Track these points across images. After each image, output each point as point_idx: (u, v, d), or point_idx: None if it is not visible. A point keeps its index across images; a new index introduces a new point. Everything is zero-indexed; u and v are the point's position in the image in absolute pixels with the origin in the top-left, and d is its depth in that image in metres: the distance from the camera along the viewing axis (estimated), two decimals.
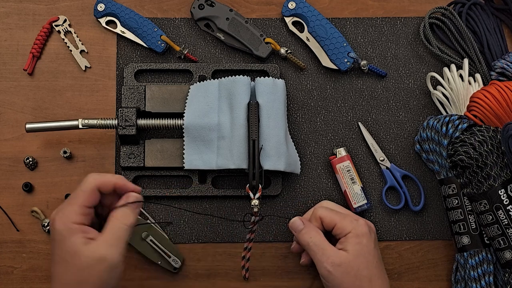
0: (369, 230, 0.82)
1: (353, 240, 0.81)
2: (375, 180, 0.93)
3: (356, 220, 0.82)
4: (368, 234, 0.82)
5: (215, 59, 0.96)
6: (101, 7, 0.95)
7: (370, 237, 0.82)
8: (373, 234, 0.83)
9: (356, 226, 0.81)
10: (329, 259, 0.80)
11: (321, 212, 0.84)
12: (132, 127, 0.89)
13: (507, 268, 0.84)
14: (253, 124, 0.87)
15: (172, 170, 0.92)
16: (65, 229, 0.72)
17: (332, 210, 0.84)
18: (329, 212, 0.84)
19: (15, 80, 0.95)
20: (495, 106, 0.86)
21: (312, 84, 0.96)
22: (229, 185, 0.93)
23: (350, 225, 0.82)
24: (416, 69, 0.96)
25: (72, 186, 0.92)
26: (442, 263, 0.92)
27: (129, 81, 0.93)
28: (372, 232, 0.83)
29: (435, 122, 0.89)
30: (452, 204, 0.87)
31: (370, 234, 0.82)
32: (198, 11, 0.95)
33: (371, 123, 0.95)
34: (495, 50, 0.94)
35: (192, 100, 0.91)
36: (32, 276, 0.91)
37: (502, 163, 0.84)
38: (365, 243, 0.81)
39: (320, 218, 0.83)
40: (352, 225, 0.81)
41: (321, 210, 0.84)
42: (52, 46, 0.96)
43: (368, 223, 0.83)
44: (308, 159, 0.94)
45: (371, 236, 0.82)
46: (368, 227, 0.82)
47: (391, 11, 0.98)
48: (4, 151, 0.93)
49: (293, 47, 0.96)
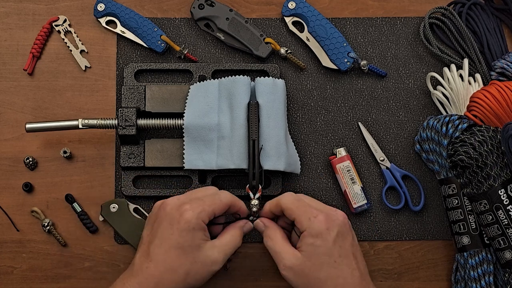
0: (327, 227, 0.76)
1: (306, 240, 0.77)
2: (375, 180, 0.93)
3: (315, 217, 0.77)
4: (325, 232, 0.76)
5: (215, 59, 0.96)
6: (101, 7, 0.95)
7: (328, 235, 0.76)
8: (335, 230, 0.77)
9: (310, 224, 0.77)
10: (282, 262, 0.77)
11: (284, 201, 0.80)
12: (132, 127, 0.89)
13: (507, 268, 0.84)
14: (253, 124, 0.87)
15: (172, 170, 0.92)
16: (196, 223, 0.76)
17: (297, 201, 0.80)
18: (291, 203, 0.79)
19: (15, 80, 0.95)
20: (495, 106, 0.86)
21: (312, 84, 0.96)
22: (229, 185, 0.93)
23: (305, 223, 0.77)
24: (416, 69, 0.96)
25: (72, 186, 0.92)
26: (442, 263, 0.92)
27: (129, 81, 0.93)
28: (332, 228, 0.77)
29: (435, 122, 0.89)
30: (452, 204, 0.87)
31: (329, 231, 0.76)
32: (198, 11, 0.95)
33: (371, 123, 0.95)
34: (495, 50, 0.94)
35: (192, 100, 0.91)
36: (32, 276, 0.91)
37: (502, 163, 0.84)
38: (319, 243, 0.76)
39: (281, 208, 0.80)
40: (307, 224, 0.77)
41: (285, 200, 0.80)
42: (52, 46, 0.96)
43: (328, 219, 0.77)
44: (308, 159, 0.94)
45: (329, 233, 0.76)
46: (327, 223, 0.77)
47: (391, 11, 0.98)
48: (4, 151, 0.93)
49: (293, 47, 0.96)
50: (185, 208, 0.77)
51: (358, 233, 0.92)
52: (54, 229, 0.91)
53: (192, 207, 0.77)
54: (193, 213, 0.76)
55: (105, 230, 0.92)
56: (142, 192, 0.92)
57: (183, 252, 0.76)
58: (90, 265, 0.91)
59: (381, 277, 0.92)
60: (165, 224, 0.77)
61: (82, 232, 0.92)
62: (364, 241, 0.92)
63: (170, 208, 0.77)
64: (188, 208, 0.76)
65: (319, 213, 0.77)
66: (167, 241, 0.76)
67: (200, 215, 0.76)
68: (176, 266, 0.76)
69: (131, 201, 0.92)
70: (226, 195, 0.80)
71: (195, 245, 0.76)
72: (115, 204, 0.91)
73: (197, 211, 0.76)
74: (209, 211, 0.77)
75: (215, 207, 0.78)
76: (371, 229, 0.93)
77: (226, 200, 0.80)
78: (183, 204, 0.77)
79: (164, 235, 0.76)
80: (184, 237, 0.76)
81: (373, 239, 0.92)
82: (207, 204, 0.78)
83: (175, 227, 0.76)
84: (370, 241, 0.92)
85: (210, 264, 0.77)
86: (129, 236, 0.90)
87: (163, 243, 0.76)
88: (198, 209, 0.77)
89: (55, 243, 0.91)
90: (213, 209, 0.78)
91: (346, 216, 0.79)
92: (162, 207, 0.78)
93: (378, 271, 0.92)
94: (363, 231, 0.92)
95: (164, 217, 0.77)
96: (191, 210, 0.76)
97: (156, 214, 0.79)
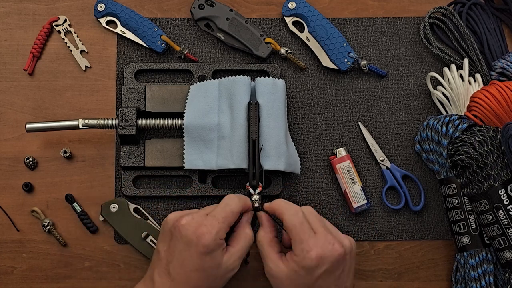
0: (317, 264, 0.75)
1: (293, 264, 0.76)
2: (375, 180, 0.93)
3: (307, 252, 0.75)
4: (313, 268, 0.75)
5: (215, 59, 0.96)
6: (101, 7, 0.95)
7: (314, 271, 0.76)
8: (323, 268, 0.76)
9: (302, 256, 0.76)
10: (266, 266, 0.79)
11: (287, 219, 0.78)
12: (132, 127, 0.89)
13: (507, 268, 0.84)
14: (253, 124, 0.87)
15: (172, 170, 0.92)
16: (215, 244, 0.76)
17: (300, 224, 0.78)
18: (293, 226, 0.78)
19: (15, 80, 0.95)
20: (495, 106, 0.86)
21: (312, 84, 0.96)
22: (229, 185, 0.93)
23: (298, 251, 0.76)
24: (416, 69, 0.96)
25: (72, 186, 0.92)
26: (442, 263, 0.92)
27: (129, 81, 0.93)
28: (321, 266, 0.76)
29: (435, 122, 0.89)
30: (452, 204, 0.87)
31: (317, 268, 0.75)
32: (198, 11, 0.95)
33: (371, 123, 0.95)
34: (495, 50, 0.94)
35: (192, 100, 0.91)
36: (32, 276, 0.91)
37: (502, 163, 0.84)
38: (303, 274, 0.76)
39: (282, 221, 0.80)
40: (299, 253, 0.76)
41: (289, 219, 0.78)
42: (52, 46, 0.96)
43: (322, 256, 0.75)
44: (308, 159, 0.94)
45: (316, 270, 0.75)
46: (318, 261, 0.75)
47: (391, 11, 0.98)
48: (4, 151, 0.93)
49: (293, 47, 0.96)
50: (201, 232, 0.76)
51: (358, 233, 0.92)
52: (54, 229, 0.91)
53: (209, 230, 0.76)
54: (210, 236, 0.76)
55: (105, 230, 0.92)
56: (142, 192, 0.92)
57: (205, 273, 0.76)
58: (90, 265, 0.91)
59: (381, 277, 0.92)
60: (182, 246, 0.76)
61: (82, 232, 0.92)
62: (364, 241, 0.92)
63: (185, 231, 0.76)
64: (205, 231, 0.76)
65: (314, 248, 0.76)
66: (188, 263, 0.76)
67: (217, 236, 0.76)
68: (198, 285, 0.77)
69: (131, 201, 0.92)
70: (236, 203, 0.80)
71: (215, 264, 0.77)
72: (115, 204, 0.91)
73: (214, 232, 0.76)
74: (225, 227, 0.77)
75: (230, 220, 0.78)
76: (371, 229, 0.93)
77: (237, 209, 0.79)
78: (199, 226, 0.76)
79: (184, 257, 0.76)
80: (204, 260, 0.76)
81: (373, 239, 0.92)
82: (221, 221, 0.77)
83: (193, 251, 0.76)
84: (370, 241, 0.92)
85: (231, 271, 0.78)
86: (129, 236, 0.90)
87: (183, 265, 0.76)
88: (214, 229, 0.76)
89: (55, 243, 0.91)
90: (228, 224, 0.78)
91: (347, 248, 0.78)
92: (177, 228, 0.77)
93: (378, 271, 0.92)
94: (363, 231, 0.92)
95: (180, 239, 0.76)
96: (207, 234, 0.76)
97: (172, 232, 0.78)
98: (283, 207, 0.80)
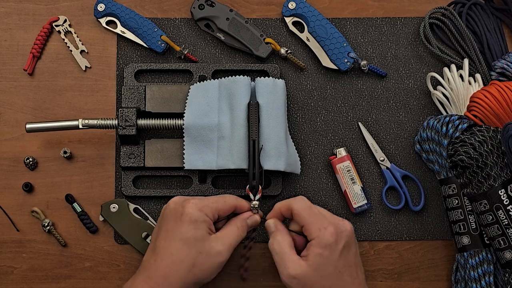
0: (336, 240, 0.77)
1: (315, 250, 0.77)
2: (375, 180, 0.93)
3: (325, 228, 0.78)
4: (334, 244, 0.77)
5: (215, 59, 0.96)
6: (101, 7, 0.95)
7: (336, 246, 0.78)
8: (342, 242, 0.78)
9: (320, 235, 0.78)
10: (286, 271, 0.78)
11: (296, 206, 0.80)
12: (132, 127, 0.89)
13: (507, 268, 0.84)
14: (253, 124, 0.87)
15: (172, 170, 0.92)
16: (199, 215, 0.78)
17: (309, 208, 0.80)
18: (303, 209, 0.80)
19: (15, 80, 0.95)
20: (495, 106, 0.86)
21: (312, 84, 0.96)
22: (229, 185, 0.93)
23: (315, 233, 0.78)
24: (416, 69, 0.96)
25: (72, 186, 0.92)
26: (442, 263, 0.92)
27: (129, 81, 0.94)
28: (340, 240, 0.78)
29: (435, 122, 0.89)
30: (452, 204, 0.88)
31: (337, 243, 0.78)
32: (198, 11, 0.95)
33: (371, 123, 0.95)
34: (495, 50, 0.94)
35: (192, 100, 0.91)
36: (32, 276, 0.91)
37: (502, 163, 0.84)
38: (327, 255, 0.77)
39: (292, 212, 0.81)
40: (316, 233, 0.78)
41: (297, 205, 0.80)
42: (52, 46, 0.96)
43: (338, 231, 0.78)
44: (308, 159, 0.94)
45: (337, 245, 0.78)
46: (336, 235, 0.78)
47: (391, 11, 0.98)
48: (4, 151, 0.93)
49: (293, 47, 0.96)
50: (187, 203, 0.79)
51: (358, 233, 0.92)
52: (54, 229, 0.91)
53: (195, 202, 0.80)
54: (195, 206, 0.79)
55: (105, 230, 0.92)
56: (142, 192, 0.92)
57: (187, 244, 0.77)
58: (90, 265, 0.91)
59: (381, 277, 0.92)
60: (169, 219, 0.79)
61: (82, 232, 0.92)
62: (364, 241, 0.92)
63: (174, 204, 0.80)
64: (191, 203, 0.79)
65: (329, 225, 0.79)
66: (171, 234, 0.78)
67: (202, 209, 0.79)
68: (181, 257, 0.77)
69: (131, 201, 0.92)
70: (231, 197, 0.83)
71: (198, 236, 0.78)
72: (115, 204, 0.91)
73: (200, 205, 0.79)
74: (212, 207, 0.80)
75: (219, 205, 0.81)
76: (371, 229, 0.93)
77: (230, 202, 0.82)
78: (186, 199, 0.80)
79: (169, 228, 0.79)
80: (187, 229, 0.78)
81: (373, 239, 0.92)
82: (211, 202, 0.80)
83: (179, 220, 0.78)
84: (370, 241, 0.92)
85: (215, 255, 0.78)
86: (129, 236, 0.90)
87: (167, 236, 0.78)
88: (201, 203, 0.80)
89: (55, 243, 0.91)
90: (216, 207, 0.80)
91: (352, 226, 0.81)
92: (167, 205, 0.81)
93: (378, 271, 0.92)
94: (363, 231, 0.92)
95: (169, 213, 0.80)
96: (193, 204, 0.79)
97: (162, 213, 0.82)
98: (286, 200, 0.82)
